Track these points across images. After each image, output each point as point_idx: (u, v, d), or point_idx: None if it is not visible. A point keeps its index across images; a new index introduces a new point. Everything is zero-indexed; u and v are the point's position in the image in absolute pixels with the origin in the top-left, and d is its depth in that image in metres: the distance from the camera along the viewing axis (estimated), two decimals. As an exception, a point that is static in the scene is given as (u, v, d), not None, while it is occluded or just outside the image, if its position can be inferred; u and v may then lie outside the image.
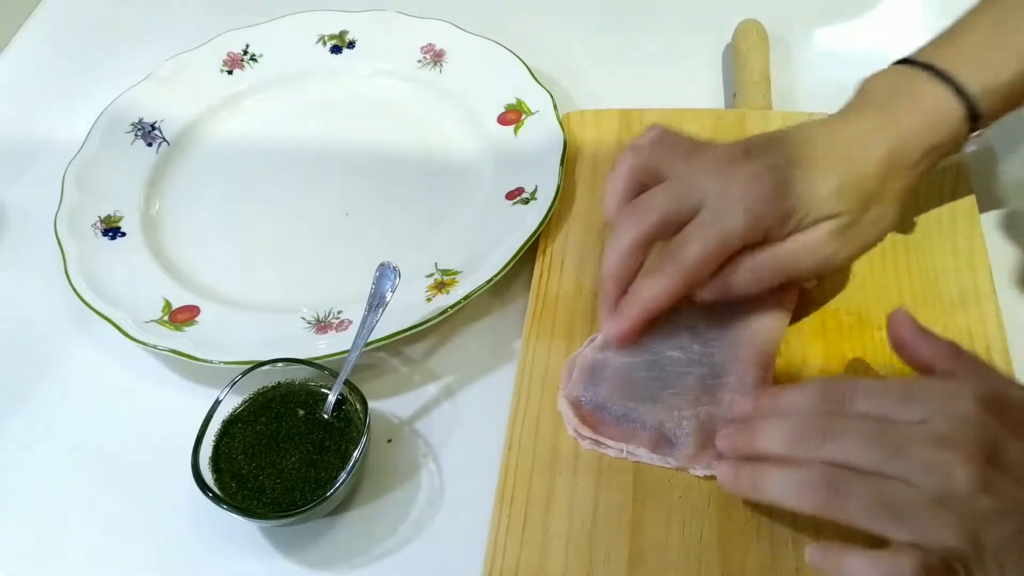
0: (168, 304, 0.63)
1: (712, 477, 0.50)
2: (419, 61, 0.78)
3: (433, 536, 0.53)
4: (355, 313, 0.60)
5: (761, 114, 0.70)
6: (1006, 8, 0.54)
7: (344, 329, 0.60)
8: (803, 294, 0.58)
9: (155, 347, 0.59)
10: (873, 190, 0.51)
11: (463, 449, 0.56)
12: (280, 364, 0.56)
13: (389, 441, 0.57)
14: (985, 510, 0.40)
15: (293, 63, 0.79)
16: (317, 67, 0.79)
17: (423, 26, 0.79)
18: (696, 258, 0.50)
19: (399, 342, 0.59)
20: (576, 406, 0.54)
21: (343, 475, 0.51)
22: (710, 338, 0.55)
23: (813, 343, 0.56)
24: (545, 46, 0.79)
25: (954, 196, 0.63)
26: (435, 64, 0.78)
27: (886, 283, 0.59)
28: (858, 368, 0.55)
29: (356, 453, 0.52)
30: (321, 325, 0.61)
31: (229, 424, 0.55)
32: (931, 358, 0.48)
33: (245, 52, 0.80)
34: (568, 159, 0.67)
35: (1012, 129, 0.70)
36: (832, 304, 0.58)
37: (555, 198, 0.64)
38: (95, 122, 0.74)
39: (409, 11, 0.79)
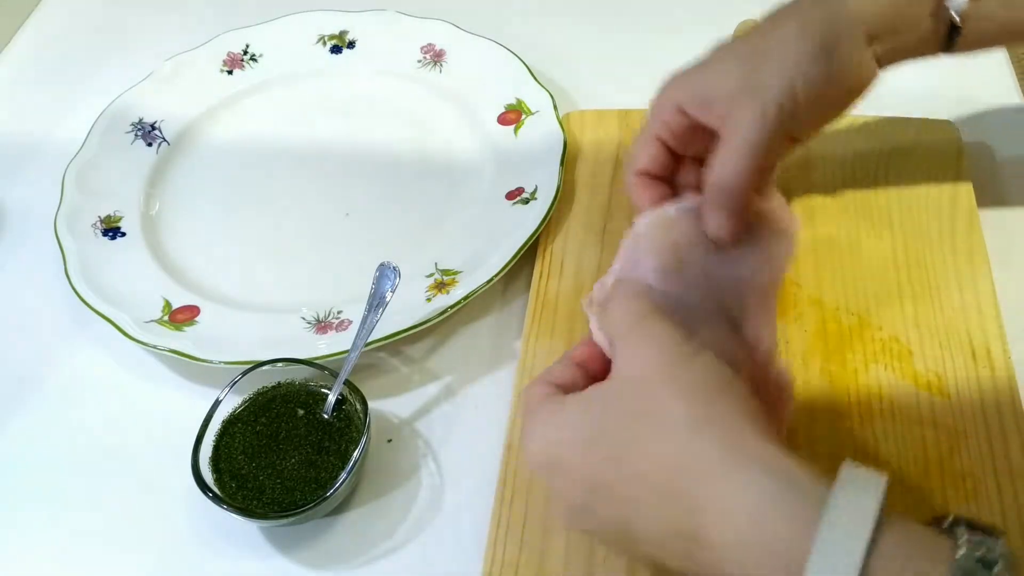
0: (168, 304, 0.63)
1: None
2: (419, 61, 0.78)
3: (433, 536, 0.53)
4: (355, 313, 0.60)
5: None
6: None
7: (344, 329, 0.60)
8: (801, 293, 0.58)
9: (155, 347, 0.59)
10: None
11: (463, 449, 0.56)
12: (280, 364, 0.56)
13: (389, 441, 0.57)
14: None
15: (293, 63, 0.79)
16: (317, 67, 0.79)
17: (423, 26, 0.79)
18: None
19: (399, 342, 0.59)
20: None
21: (343, 475, 0.51)
22: (723, 278, 0.50)
23: (814, 343, 0.57)
24: (545, 46, 0.79)
25: (954, 196, 0.63)
26: (435, 64, 0.78)
27: (886, 283, 0.59)
28: (858, 368, 0.55)
29: (356, 453, 0.52)
30: (321, 325, 0.61)
31: (229, 424, 0.55)
32: None
33: (245, 52, 0.80)
34: (568, 159, 0.67)
35: (1012, 128, 0.71)
36: (832, 305, 0.58)
37: (555, 198, 0.64)
38: (95, 122, 0.74)
39: (409, 11, 0.80)
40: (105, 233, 0.68)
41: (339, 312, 0.62)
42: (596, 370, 0.46)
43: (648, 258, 0.49)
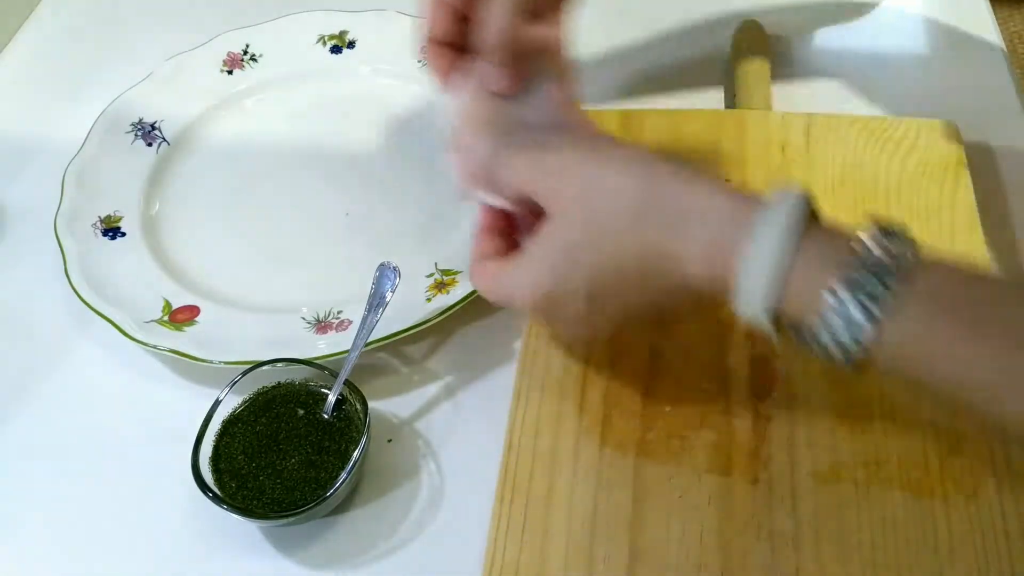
0: (168, 304, 0.63)
1: (712, 471, 0.51)
2: (419, 61, 0.78)
3: (433, 536, 0.53)
4: (355, 313, 0.60)
5: (761, 114, 0.70)
6: None
7: (344, 329, 0.60)
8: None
9: (155, 347, 0.59)
10: None
11: (463, 449, 0.56)
12: (280, 364, 0.56)
13: (389, 441, 0.57)
14: None
15: (293, 63, 0.79)
16: (317, 67, 0.79)
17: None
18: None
19: (399, 342, 0.59)
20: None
21: (343, 475, 0.51)
22: (532, 115, 0.55)
23: (813, 343, 0.56)
24: (545, 46, 0.79)
25: (954, 196, 0.63)
26: (435, 64, 0.78)
27: (886, 283, 0.59)
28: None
29: (356, 453, 0.52)
30: (321, 325, 0.61)
31: (229, 424, 0.55)
32: None
33: (245, 52, 0.80)
34: (568, 159, 0.67)
35: (1012, 129, 0.71)
36: (832, 304, 0.58)
37: (555, 198, 0.64)
38: (95, 122, 0.74)
39: (409, 11, 0.79)
40: (105, 233, 0.68)
41: (339, 312, 0.62)
42: (507, 229, 0.53)
43: (478, 144, 0.54)
